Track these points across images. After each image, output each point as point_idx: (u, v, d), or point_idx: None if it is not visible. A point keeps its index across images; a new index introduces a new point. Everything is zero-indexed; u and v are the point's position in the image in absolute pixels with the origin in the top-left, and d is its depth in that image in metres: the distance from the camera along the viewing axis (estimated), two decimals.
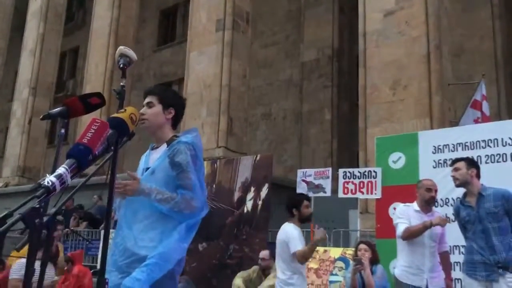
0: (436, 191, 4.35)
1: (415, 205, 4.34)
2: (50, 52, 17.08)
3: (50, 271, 5.54)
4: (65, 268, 6.34)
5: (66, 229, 9.68)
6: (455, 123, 7.61)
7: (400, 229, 4.20)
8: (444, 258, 4.39)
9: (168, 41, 19.58)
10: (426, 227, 4.11)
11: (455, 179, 4.07)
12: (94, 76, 14.15)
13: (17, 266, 5.05)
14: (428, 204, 4.31)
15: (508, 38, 12.23)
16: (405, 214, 4.31)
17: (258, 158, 7.46)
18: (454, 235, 4.48)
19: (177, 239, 2.25)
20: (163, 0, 19.70)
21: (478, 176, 4.04)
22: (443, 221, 4.16)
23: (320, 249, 6.15)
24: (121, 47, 2.02)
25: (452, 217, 4.67)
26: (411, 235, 4.17)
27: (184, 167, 2.29)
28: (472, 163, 4.10)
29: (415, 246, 4.20)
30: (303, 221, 4.55)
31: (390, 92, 7.99)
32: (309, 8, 15.25)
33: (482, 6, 11.85)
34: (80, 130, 12.92)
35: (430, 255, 4.19)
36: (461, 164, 4.06)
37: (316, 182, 6.61)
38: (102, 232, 8.51)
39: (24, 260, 4.36)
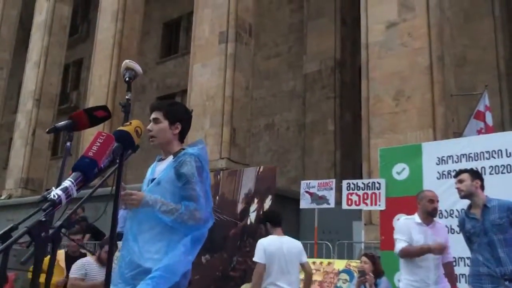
0: (438, 201, 4.33)
1: (416, 218, 4.31)
2: (54, 64, 17.20)
3: None
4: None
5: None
6: (458, 134, 7.60)
7: (398, 247, 4.22)
8: (448, 268, 4.34)
9: (171, 53, 19.72)
10: (423, 251, 4.09)
11: (459, 190, 4.05)
12: (98, 88, 14.22)
13: (78, 264, 5.24)
14: (431, 215, 4.28)
15: (511, 49, 12.25)
16: (404, 229, 4.28)
17: (261, 169, 7.45)
18: (459, 247, 4.45)
19: (182, 252, 2.24)
20: (166, 12, 19.87)
21: (482, 187, 4.03)
22: (441, 250, 4.10)
23: (324, 261, 6.12)
24: (126, 60, 2.04)
25: (457, 229, 4.64)
26: (408, 255, 4.20)
27: (189, 178, 2.31)
28: (476, 175, 4.09)
29: (419, 259, 4.17)
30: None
31: (393, 103, 8.00)
32: (312, 20, 15.34)
33: (484, 17, 11.90)
34: (82, 142, 12.96)
35: (435, 267, 4.16)
36: (465, 176, 4.04)
37: (320, 193, 6.59)
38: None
39: (84, 260, 4.49)
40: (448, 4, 8.53)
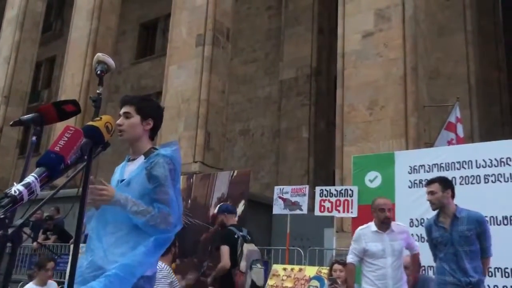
0: (389, 210, 4.32)
1: (372, 226, 4.34)
2: (25, 60, 16.77)
3: None
4: None
5: (34, 243, 9.38)
6: (430, 144, 7.72)
7: (347, 258, 4.45)
8: (414, 258, 4.41)
9: (147, 54, 19.52)
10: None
11: (431, 203, 4.04)
12: (70, 87, 13.92)
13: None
14: (385, 224, 4.30)
15: (481, 64, 12.60)
16: (358, 240, 4.36)
17: (235, 173, 7.38)
18: (429, 255, 4.48)
19: (143, 252, 2.15)
20: (143, 13, 19.67)
21: (453, 196, 4.06)
22: None
23: (295, 267, 6.10)
24: (99, 54, 1.96)
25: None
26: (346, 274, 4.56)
27: (162, 182, 2.21)
28: (446, 184, 4.08)
29: (376, 268, 4.20)
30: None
31: (367, 112, 8.08)
32: (289, 27, 15.44)
33: (457, 32, 12.20)
34: (52, 138, 12.63)
35: (392, 271, 4.18)
36: (435, 187, 4.01)
37: (293, 199, 6.56)
38: (72, 247, 8.26)
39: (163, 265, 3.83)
40: (423, 17, 8.71)
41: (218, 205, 5.74)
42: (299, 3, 15.40)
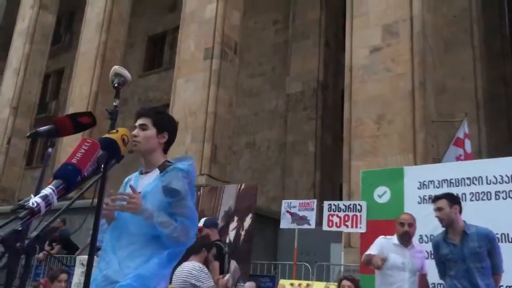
0: (410, 225, 4.28)
1: (394, 239, 4.32)
2: (34, 72, 16.93)
3: None
4: None
5: (40, 253, 9.36)
6: (438, 159, 7.68)
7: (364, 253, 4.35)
8: (422, 279, 4.35)
9: (155, 67, 19.64)
10: (376, 265, 4.18)
11: (440, 219, 4.00)
12: (79, 99, 14.01)
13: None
14: (401, 238, 4.26)
15: (488, 80, 12.57)
16: (378, 246, 4.32)
17: (242, 187, 7.36)
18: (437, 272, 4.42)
19: (157, 264, 2.16)
20: (151, 26, 19.84)
21: (460, 212, 4.01)
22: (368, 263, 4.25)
23: (303, 283, 6.04)
24: (115, 66, 1.96)
25: None
26: (368, 262, 4.28)
27: (183, 195, 2.22)
28: (454, 200, 4.04)
29: (392, 280, 4.15)
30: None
31: (375, 127, 8.06)
32: (296, 41, 15.52)
33: (464, 47, 12.20)
34: (60, 151, 12.68)
35: (408, 287, 4.13)
36: (443, 203, 3.98)
37: (301, 213, 6.53)
38: (78, 258, 8.22)
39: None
40: (430, 32, 8.72)
41: (204, 219, 5.54)
42: (306, 17, 15.49)
